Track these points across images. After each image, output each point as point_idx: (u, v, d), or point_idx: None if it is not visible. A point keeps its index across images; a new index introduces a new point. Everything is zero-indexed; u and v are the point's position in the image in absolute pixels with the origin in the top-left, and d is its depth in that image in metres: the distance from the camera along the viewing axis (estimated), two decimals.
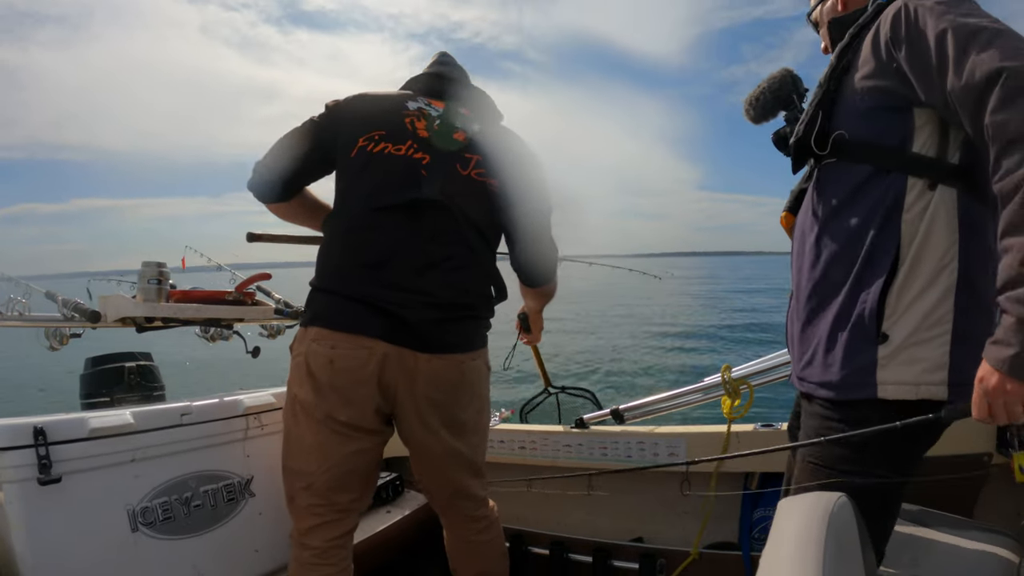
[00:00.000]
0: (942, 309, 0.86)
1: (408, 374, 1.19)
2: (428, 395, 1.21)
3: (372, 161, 1.22)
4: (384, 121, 1.25)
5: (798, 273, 1.05)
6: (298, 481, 1.22)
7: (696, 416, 2.02)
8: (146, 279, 1.45)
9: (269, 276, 1.77)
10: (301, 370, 1.19)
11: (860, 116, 0.94)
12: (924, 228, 0.87)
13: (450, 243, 1.22)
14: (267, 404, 1.53)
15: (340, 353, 1.16)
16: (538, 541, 1.84)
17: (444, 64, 1.39)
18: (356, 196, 1.23)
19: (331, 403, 1.17)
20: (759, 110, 1.18)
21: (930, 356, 0.86)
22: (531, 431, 1.88)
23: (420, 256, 1.19)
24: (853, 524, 0.67)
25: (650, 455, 1.72)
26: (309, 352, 1.18)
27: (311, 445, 1.20)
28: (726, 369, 1.61)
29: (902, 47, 0.87)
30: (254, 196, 1.34)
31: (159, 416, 1.30)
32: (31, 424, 1.11)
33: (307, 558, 1.21)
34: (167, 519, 1.28)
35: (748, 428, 1.62)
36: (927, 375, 0.86)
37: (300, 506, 1.23)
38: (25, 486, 1.09)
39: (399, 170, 1.21)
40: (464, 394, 1.26)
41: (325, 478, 1.20)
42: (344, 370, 1.16)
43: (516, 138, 1.38)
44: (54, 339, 1.41)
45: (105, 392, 1.92)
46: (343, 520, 1.24)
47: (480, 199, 1.26)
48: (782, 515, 0.68)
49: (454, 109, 1.31)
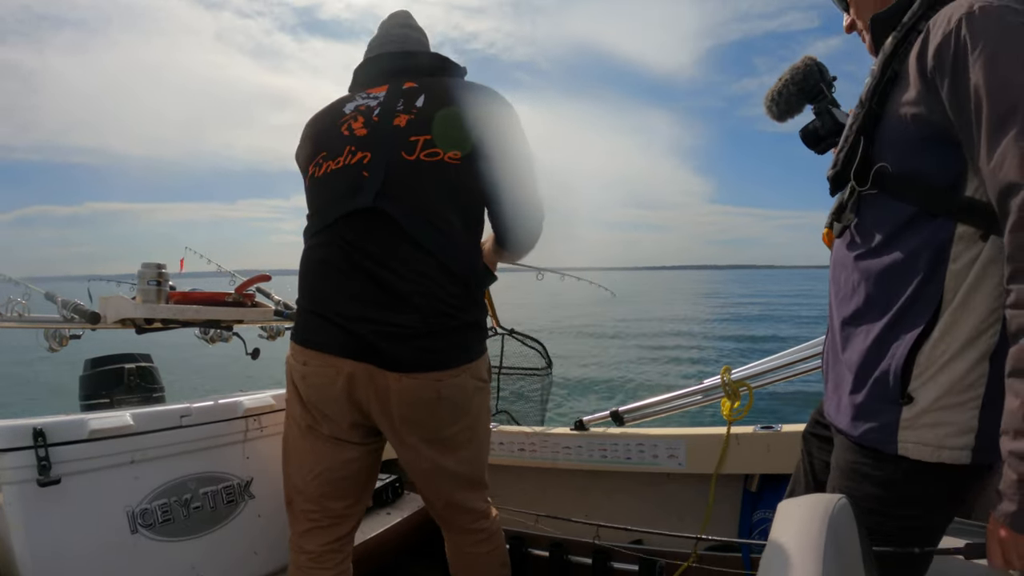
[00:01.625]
0: (976, 373, 0.77)
1: (379, 393, 1.12)
2: (403, 414, 1.13)
3: (318, 184, 1.19)
4: (324, 140, 1.20)
5: (834, 303, 0.97)
6: (293, 486, 1.23)
7: (695, 417, 2.02)
8: (145, 280, 1.45)
9: (268, 278, 1.78)
10: (288, 381, 1.22)
11: (906, 147, 0.83)
12: (969, 283, 0.78)
13: (400, 249, 1.11)
14: (267, 406, 1.53)
15: (311, 370, 1.15)
16: (537, 543, 1.84)
17: (386, 38, 1.28)
18: (311, 220, 1.21)
19: (312, 416, 1.19)
20: (783, 106, 1.06)
21: (957, 420, 0.79)
22: (530, 433, 1.88)
23: (377, 269, 1.10)
24: (853, 526, 0.67)
25: (649, 457, 1.71)
26: (291, 366, 1.20)
27: (303, 452, 1.21)
28: (726, 371, 1.61)
29: (945, 80, 0.75)
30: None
31: (159, 418, 1.30)
32: (31, 425, 1.11)
33: (303, 562, 1.22)
34: (166, 521, 1.28)
35: (748, 430, 1.62)
36: (950, 439, 0.79)
37: (296, 510, 1.23)
38: (24, 487, 1.09)
39: (341, 183, 1.15)
40: (445, 412, 1.15)
41: (316, 484, 1.20)
42: (315, 387, 1.16)
43: (479, 90, 1.22)
44: (54, 340, 1.41)
45: (105, 393, 1.92)
46: (338, 525, 1.24)
47: (436, 183, 1.13)
48: (782, 517, 0.68)
49: (396, 89, 1.20)
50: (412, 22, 1.31)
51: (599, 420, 1.85)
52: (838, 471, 0.92)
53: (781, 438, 1.57)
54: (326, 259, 1.15)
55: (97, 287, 1.63)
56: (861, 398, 0.87)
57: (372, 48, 1.30)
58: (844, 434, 0.90)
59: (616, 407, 1.85)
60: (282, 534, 1.49)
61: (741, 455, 1.61)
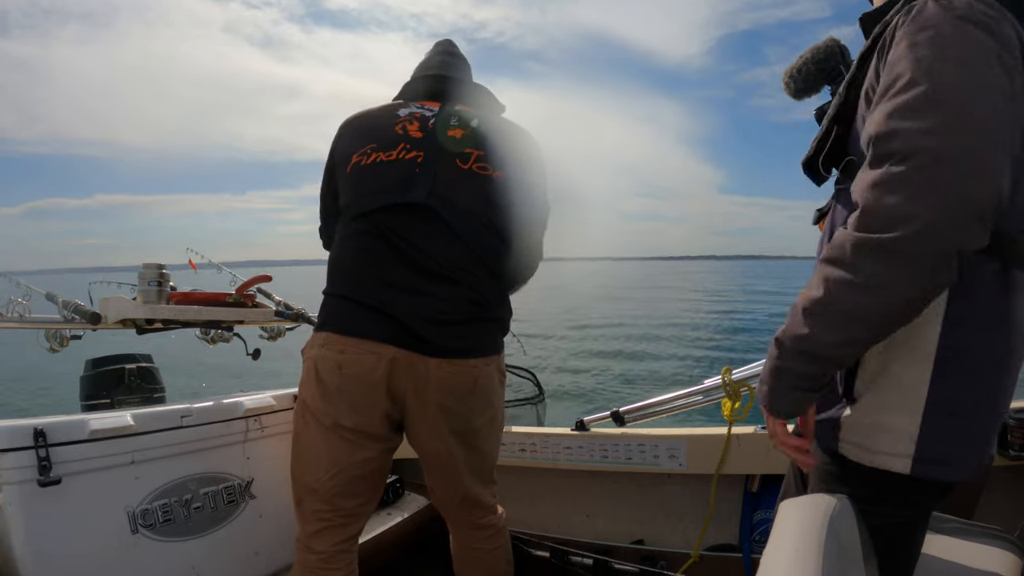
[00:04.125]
0: (917, 378, 0.73)
1: (418, 379, 1.16)
2: (439, 401, 1.18)
3: (364, 171, 1.22)
4: (376, 134, 1.25)
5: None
6: (305, 485, 1.22)
7: (696, 418, 2.02)
8: (146, 281, 1.45)
9: (269, 278, 1.78)
10: (310, 375, 1.18)
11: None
12: None
13: (445, 244, 1.18)
14: (267, 406, 1.53)
15: (348, 358, 1.14)
16: (538, 544, 1.84)
17: (442, 62, 1.37)
18: (349, 206, 1.23)
19: (339, 409, 1.16)
20: (800, 83, 1.03)
21: (896, 426, 0.75)
22: (531, 433, 1.88)
23: (420, 258, 1.17)
24: (854, 526, 0.67)
25: (650, 457, 1.71)
26: (318, 357, 1.17)
27: (318, 451, 1.19)
28: (727, 371, 1.61)
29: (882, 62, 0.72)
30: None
31: (159, 418, 1.30)
32: (31, 426, 1.11)
33: (313, 562, 1.21)
34: (167, 521, 1.28)
35: (749, 430, 1.62)
36: (888, 444, 0.75)
37: (306, 510, 1.22)
38: (25, 488, 1.09)
39: (392, 175, 1.20)
40: (477, 401, 1.22)
41: (331, 484, 1.19)
42: (352, 375, 1.15)
43: (520, 130, 1.33)
44: (54, 341, 1.42)
45: (105, 394, 1.92)
46: (349, 525, 1.24)
47: (484, 194, 1.22)
48: (782, 517, 0.68)
49: (450, 107, 1.30)
50: (457, 51, 1.42)
51: (600, 420, 1.85)
52: (813, 470, 0.90)
53: None
54: (367, 247, 1.19)
55: (102, 286, 1.63)
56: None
57: (423, 68, 1.38)
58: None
59: (617, 407, 1.85)
60: (283, 534, 1.49)
61: (742, 456, 1.61)
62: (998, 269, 0.71)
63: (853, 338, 0.68)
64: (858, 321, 0.66)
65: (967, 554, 1.07)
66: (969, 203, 0.59)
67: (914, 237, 0.60)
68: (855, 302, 0.66)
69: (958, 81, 0.62)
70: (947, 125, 0.60)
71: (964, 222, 0.60)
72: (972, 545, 1.09)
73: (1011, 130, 0.63)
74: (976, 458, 0.76)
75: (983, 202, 0.60)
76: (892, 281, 0.63)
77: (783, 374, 0.75)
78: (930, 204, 0.60)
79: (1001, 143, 0.61)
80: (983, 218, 0.60)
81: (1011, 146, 0.63)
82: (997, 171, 0.60)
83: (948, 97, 0.61)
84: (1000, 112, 0.62)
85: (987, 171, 0.60)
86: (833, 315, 0.68)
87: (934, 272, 0.62)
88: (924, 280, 0.63)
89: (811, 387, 0.74)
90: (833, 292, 0.67)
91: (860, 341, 0.69)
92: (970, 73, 0.62)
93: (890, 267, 0.62)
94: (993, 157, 0.60)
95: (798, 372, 0.73)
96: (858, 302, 0.65)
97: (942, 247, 0.61)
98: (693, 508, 1.75)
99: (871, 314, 0.66)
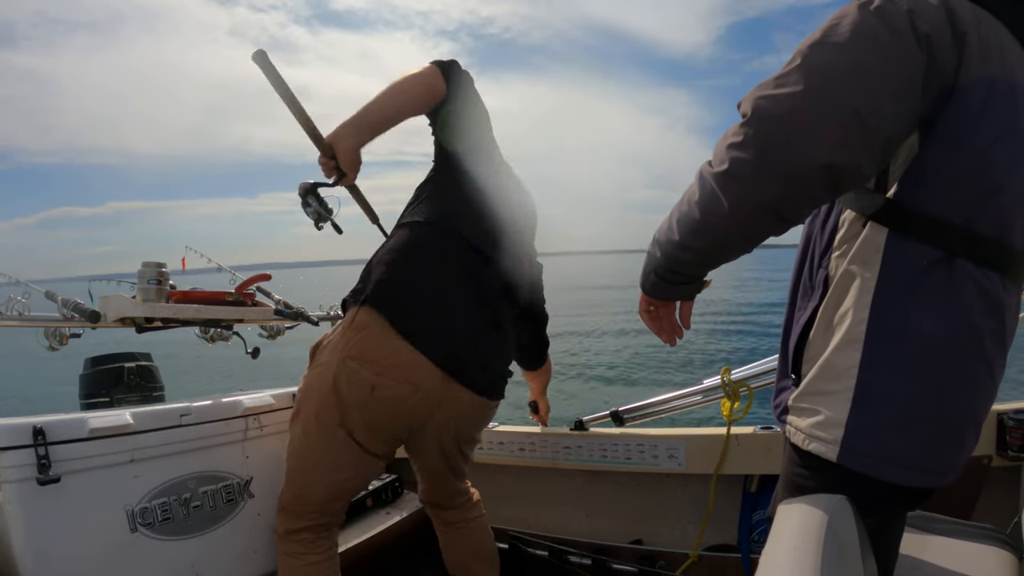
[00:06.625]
0: (846, 363, 0.74)
1: (449, 409, 1.23)
2: (457, 433, 1.30)
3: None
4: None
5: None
6: (297, 490, 1.23)
7: (695, 418, 2.02)
8: (145, 279, 1.45)
9: (269, 277, 1.78)
10: (325, 382, 1.15)
11: None
12: (843, 269, 0.77)
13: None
14: (267, 405, 1.53)
15: (384, 381, 1.13)
16: (537, 543, 1.84)
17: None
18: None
19: (355, 424, 1.16)
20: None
21: (828, 411, 0.76)
22: (530, 433, 1.88)
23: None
24: (853, 526, 0.67)
25: (649, 457, 1.71)
26: (350, 371, 1.13)
27: (318, 457, 1.19)
28: (726, 371, 1.61)
29: None
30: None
31: (158, 416, 1.30)
32: (30, 424, 1.11)
33: (296, 549, 1.22)
34: (166, 520, 1.28)
35: (748, 430, 1.62)
36: (819, 429, 0.76)
37: (294, 512, 1.23)
38: (24, 486, 1.09)
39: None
40: (482, 426, 1.40)
41: (328, 491, 1.21)
42: (384, 399, 1.14)
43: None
44: (54, 339, 1.41)
45: (105, 392, 1.91)
46: (332, 521, 1.27)
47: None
48: (781, 517, 0.68)
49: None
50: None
51: (599, 420, 1.85)
52: (784, 458, 0.91)
53: (781, 439, 1.57)
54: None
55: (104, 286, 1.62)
56: (777, 374, 0.92)
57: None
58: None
59: (616, 407, 1.85)
60: None
61: (741, 456, 1.61)
62: (941, 257, 0.70)
63: (682, 242, 0.76)
64: (684, 229, 0.75)
65: (962, 553, 1.07)
66: (774, 167, 0.65)
67: (722, 176, 0.69)
68: (682, 212, 0.75)
69: (821, 61, 0.66)
70: (790, 96, 0.65)
71: (765, 181, 0.66)
72: (967, 544, 1.09)
73: (876, 113, 0.64)
74: (934, 461, 0.73)
75: (791, 170, 0.65)
76: (705, 204, 0.72)
77: (648, 258, 0.84)
78: (740, 156, 0.67)
79: (848, 122, 0.63)
80: (795, 181, 0.65)
81: (876, 127, 0.64)
82: (828, 144, 0.63)
83: (806, 73, 0.65)
84: (860, 95, 0.64)
85: (814, 143, 0.64)
86: (673, 218, 0.78)
87: (734, 212, 0.69)
88: (724, 214, 0.70)
89: (663, 276, 0.82)
90: (680, 202, 0.77)
91: (687, 247, 0.76)
92: (839, 54, 0.65)
93: (705, 193, 0.71)
94: (828, 133, 0.63)
95: (654, 259, 0.82)
96: (684, 213, 0.75)
97: (742, 194, 0.68)
98: (692, 508, 1.75)
99: (691, 226, 0.74)
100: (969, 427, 0.75)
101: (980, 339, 0.71)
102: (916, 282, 0.71)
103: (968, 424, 0.75)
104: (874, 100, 0.64)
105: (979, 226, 0.70)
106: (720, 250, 0.76)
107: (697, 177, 0.73)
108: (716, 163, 0.70)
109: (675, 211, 0.77)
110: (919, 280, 0.71)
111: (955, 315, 0.70)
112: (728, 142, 0.69)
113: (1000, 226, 0.71)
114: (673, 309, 0.90)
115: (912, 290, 0.71)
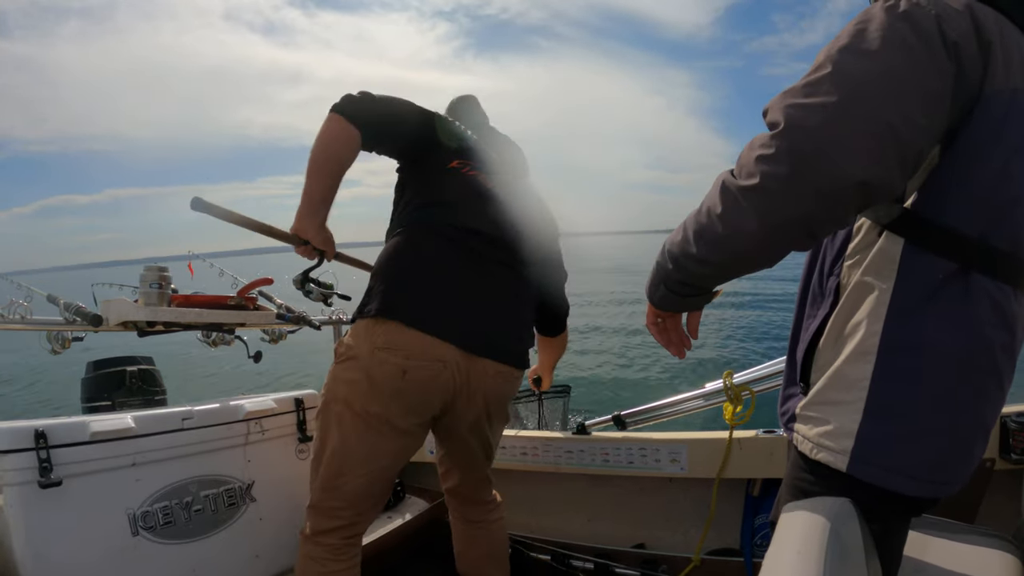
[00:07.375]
0: (858, 374, 0.73)
1: (476, 381, 1.24)
2: (487, 407, 1.30)
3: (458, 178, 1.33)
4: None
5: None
6: (329, 483, 1.21)
7: (697, 422, 2.01)
8: (147, 283, 1.45)
9: (271, 281, 1.78)
10: (357, 373, 1.17)
11: None
12: (857, 279, 0.75)
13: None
14: (268, 409, 1.53)
15: (414, 364, 1.16)
16: (540, 547, 1.83)
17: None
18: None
19: (392, 411, 1.17)
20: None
21: (838, 421, 0.74)
22: (533, 437, 1.87)
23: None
24: (857, 529, 0.67)
25: (652, 461, 1.71)
26: (380, 358, 1.15)
27: (353, 449, 1.19)
28: (728, 375, 1.60)
29: None
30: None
31: (160, 420, 1.30)
32: (32, 427, 1.11)
33: (320, 553, 1.21)
34: (168, 523, 1.28)
35: (750, 434, 1.62)
36: (829, 439, 0.75)
37: (323, 508, 1.22)
38: (26, 489, 1.09)
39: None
40: (510, 396, 1.39)
41: (362, 481, 1.20)
42: (417, 380, 1.16)
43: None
44: (56, 343, 1.42)
45: (106, 396, 1.92)
46: (359, 523, 1.25)
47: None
48: (785, 521, 0.68)
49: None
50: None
51: (601, 424, 1.85)
52: (788, 462, 0.90)
53: (784, 443, 1.56)
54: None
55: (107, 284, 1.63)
56: (785, 378, 0.90)
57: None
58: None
59: (618, 411, 1.84)
60: (283, 537, 1.49)
61: (743, 460, 1.61)
62: (956, 270, 0.69)
63: (700, 255, 0.73)
64: (703, 242, 0.72)
65: (965, 556, 1.07)
66: (808, 182, 0.62)
67: (750, 190, 0.65)
68: (701, 225, 0.71)
69: (853, 69, 0.63)
70: (822, 106, 0.62)
71: (799, 196, 0.63)
72: (970, 548, 1.09)
73: (909, 124, 0.63)
74: (944, 473, 0.73)
75: (825, 185, 0.62)
76: (730, 217, 0.68)
77: (658, 269, 0.81)
78: (772, 170, 0.64)
79: (882, 134, 0.62)
80: (828, 197, 0.63)
81: (909, 139, 0.63)
82: (863, 159, 0.61)
83: (838, 82, 0.63)
84: (893, 105, 0.62)
85: (846, 157, 0.61)
86: (689, 230, 0.74)
87: (763, 227, 0.66)
88: (751, 229, 0.67)
89: (674, 289, 0.80)
90: (698, 212, 0.73)
91: (706, 260, 0.73)
92: (871, 62, 0.63)
93: (729, 206, 0.68)
94: (862, 144, 0.61)
95: (665, 271, 0.79)
96: (703, 225, 0.71)
97: (773, 209, 0.65)
98: (694, 512, 1.74)
99: (712, 239, 0.71)
100: (979, 439, 0.75)
101: (992, 352, 0.71)
102: (932, 295, 0.70)
103: (978, 436, 0.74)
104: (907, 111, 0.63)
105: (995, 239, 0.69)
106: (742, 265, 0.73)
107: (719, 188, 0.69)
108: (743, 175, 0.66)
109: (691, 222, 0.74)
110: (935, 293, 0.70)
111: (970, 329, 0.70)
112: (757, 153, 0.65)
113: (1015, 240, 0.70)
114: (680, 320, 0.89)
115: (928, 303, 0.70)
